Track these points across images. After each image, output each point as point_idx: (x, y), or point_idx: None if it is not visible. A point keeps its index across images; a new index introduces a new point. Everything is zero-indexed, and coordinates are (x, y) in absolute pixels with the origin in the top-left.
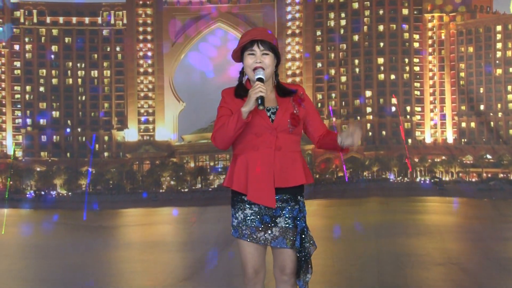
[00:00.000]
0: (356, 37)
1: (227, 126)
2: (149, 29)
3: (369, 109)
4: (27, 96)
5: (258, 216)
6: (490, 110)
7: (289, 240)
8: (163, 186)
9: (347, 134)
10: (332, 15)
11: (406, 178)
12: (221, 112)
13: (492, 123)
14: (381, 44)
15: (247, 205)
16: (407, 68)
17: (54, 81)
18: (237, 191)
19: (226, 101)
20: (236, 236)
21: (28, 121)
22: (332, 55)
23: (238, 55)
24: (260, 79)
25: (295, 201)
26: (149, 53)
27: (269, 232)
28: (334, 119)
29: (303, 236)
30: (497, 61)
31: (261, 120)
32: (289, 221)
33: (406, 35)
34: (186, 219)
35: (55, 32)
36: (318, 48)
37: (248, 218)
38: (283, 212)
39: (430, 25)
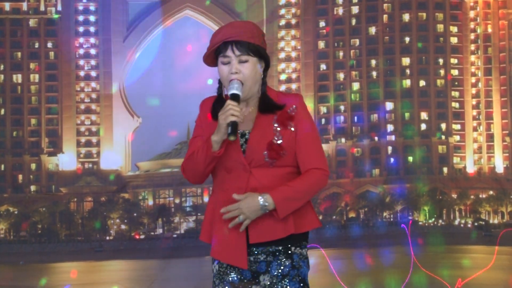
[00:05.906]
0: (372, 30)
1: (197, 157)
2: (92, 18)
3: (390, 127)
4: None
5: (236, 269)
6: None
7: None
8: (110, 231)
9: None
10: (340, 0)
11: (441, 221)
12: (196, 131)
13: None
14: (407, 39)
15: None
16: (442, 71)
17: None
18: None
19: (202, 120)
20: None
21: None
22: (341, 53)
23: (212, 59)
24: (234, 96)
25: (286, 254)
26: (92, 51)
27: None
28: (343, 140)
29: None
30: None
31: (231, 151)
32: (276, 280)
33: (440, 27)
34: (143, 277)
35: None
36: (321, 44)
37: (223, 270)
38: (269, 268)
39: (472, 13)
